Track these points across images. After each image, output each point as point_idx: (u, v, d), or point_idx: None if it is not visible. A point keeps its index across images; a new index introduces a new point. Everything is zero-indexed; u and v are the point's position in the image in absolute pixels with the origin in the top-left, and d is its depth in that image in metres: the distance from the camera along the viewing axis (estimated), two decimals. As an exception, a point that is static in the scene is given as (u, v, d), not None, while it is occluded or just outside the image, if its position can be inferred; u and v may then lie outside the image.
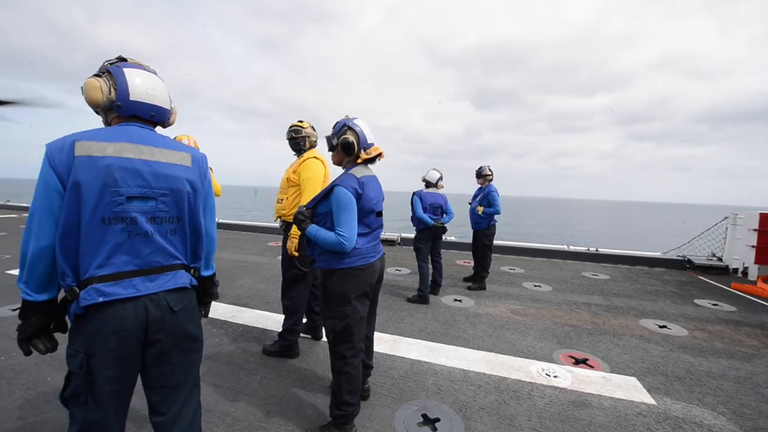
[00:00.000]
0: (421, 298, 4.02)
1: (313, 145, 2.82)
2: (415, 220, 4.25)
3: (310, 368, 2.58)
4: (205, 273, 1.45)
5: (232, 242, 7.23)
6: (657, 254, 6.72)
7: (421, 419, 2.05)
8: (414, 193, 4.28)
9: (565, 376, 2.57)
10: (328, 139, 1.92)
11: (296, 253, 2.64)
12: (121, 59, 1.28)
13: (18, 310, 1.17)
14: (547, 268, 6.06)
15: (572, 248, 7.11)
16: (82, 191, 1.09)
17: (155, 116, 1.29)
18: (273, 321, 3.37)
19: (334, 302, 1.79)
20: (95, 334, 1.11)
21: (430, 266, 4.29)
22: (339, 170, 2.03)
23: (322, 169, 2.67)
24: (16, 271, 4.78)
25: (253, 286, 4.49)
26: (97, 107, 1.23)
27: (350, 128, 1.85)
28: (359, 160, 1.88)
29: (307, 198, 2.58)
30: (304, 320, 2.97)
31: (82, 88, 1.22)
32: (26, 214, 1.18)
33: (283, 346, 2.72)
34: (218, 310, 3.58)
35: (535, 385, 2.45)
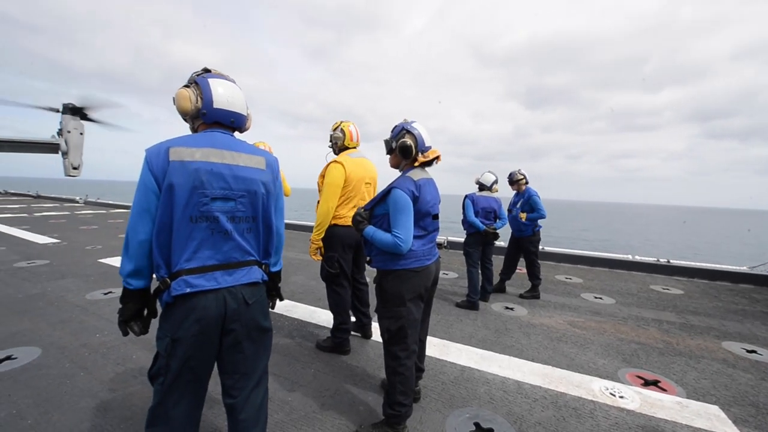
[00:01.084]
0: (470, 303, 3.93)
1: (342, 148, 2.83)
2: (466, 223, 4.16)
3: (361, 366, 2.63)
4: (274, 269, 1.56)
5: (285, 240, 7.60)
6: (743, 269, 5.92)
7: (474, 428, 2.00)
8: (466, 196, 4.18)
9: (633, 398, 2.37)
10: (387, 142, 1.95)
11: (316, 257, 2.74)
12: (206, 70, 1.41)
13: (119, 296, 1.34)
14: (609, 278, 5.61)
15: (638, 258, 6.51)
16: (174, 192, 1.22)
17: (234, 122, 1.41)
18: (324, 317, 3.50)
19: (389, 302, 1.82)
20: (182, 321, 1.24)
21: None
22: (393, 173, 2.06)
23: (340, 173, 2.65)
24: (106, 260, 5.47)
25: (305, 282, 4.69)
26: (186, 115, 1.37)
27: (408, 132, 1.87)
28: (416, 163, 1.89)
29: (323, 202, 2.64)
30: (353, 318, 3.04)
31: (173, 98, 1.37)
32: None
33: (335, 342, 2.81)
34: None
35: (598, 404, 2.29)
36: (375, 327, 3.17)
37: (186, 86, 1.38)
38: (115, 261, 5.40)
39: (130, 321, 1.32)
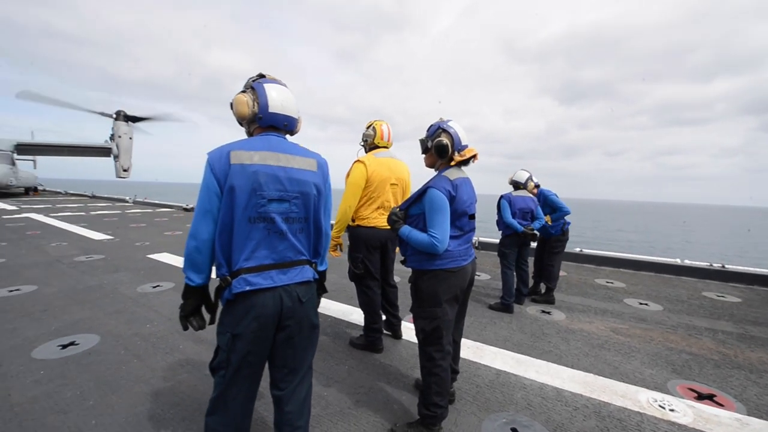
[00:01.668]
0: (504, 306, 3.83)
1: (372, 146, 2.84)
2: (502, 224, 4.05)
3: (394, 365, 2.64)
4: (321, 268, 1.60)
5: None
6: (814, 277, 5.35)
7: (511, 433, 1.95)
8: (502, 197, 4.06)
9: (685, 412, 2.21)
10: (422, 141, 1.95)
11: (335, 254, 2.74)
12: (261, 75, 1.46)
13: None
14: (655, 284, 5.27)
15: (688, 262, 6.05)
16: (235, 194, 1.27)
17: (288, 126, 1.46)
18: (357, 315, 3.54)
19: (425, 302, 1.82)
20: (241, 318, 1.30)
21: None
22: (427, 172, 2.05)
23: (361, 173, 2.66)
24: (154, 255, 5.84)
25: (338, 281, 4.76)
26: (243, 119, 1.43)
27: (444, 131, 1.86)
28: (453, 162, 1.87)
29: (343, 201, 2.66)
30: (384, 317, 3.06)
31: (231, 103, 1.43)
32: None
33: (368, 341, 2.84)
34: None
35: (646, 416, 2.16)
36: (405, 327, 3.17)
37: (243, 92, 1.43)
38: (162, 257, 5.76)
39: (190, 316, 1.40)
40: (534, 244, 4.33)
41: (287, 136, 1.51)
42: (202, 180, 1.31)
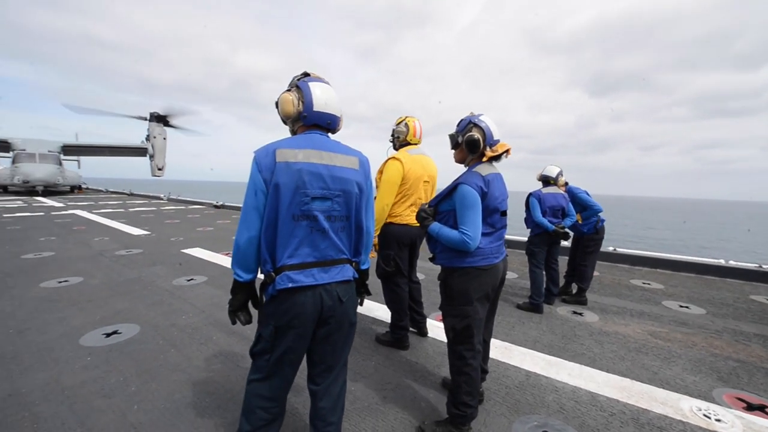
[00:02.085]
0: (534, 306, 3.73)
1: (403, 143, 2.80)
2: (531, 222, 3.92)
3: (421, 363, 2.63)
4: (364, 267, 1.61)
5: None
6: None
7: (543, 436, 1.90)
8: (531, 194, 3.92)
9: (733, 423, 2.07)
10: (452, 137, 1.91)
11: (370, 254, 2.73)
12: (306, 74, 1.46)
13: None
14: (697, 285, 4.96)
15: (733, 263, 5.66)
16: (280, 192, 1.29)
17: (330, 124, 1.46)
18: (382, 311, 3.55)
19: (455, 300, 1.79)
20: (283, 313, 1.33)
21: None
22: (457, 168, 2.01)
23: (398, 170, 2.62)
24: (187, 250, 6.09)
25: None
26: (288, 118, 1.44)
27: (476, 125, 1.81)
28: (484, 158, 1.83)
29: (379, 199, 2.62)
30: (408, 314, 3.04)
31: (276, 102, 1.45)
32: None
33: (394, 338, 2.84)
34: (334, 296, 3.94)
35: (689, 425, 2.04)
36: (430, 324, 3.15)
37: (288, 90, 1.44)
38: (195, 252, 6.00)
39: (238, 311, 1.44)
40: (566, 243, 4.18)
41: (329, 135, 1.51)
42: (249, 177, 1.33)
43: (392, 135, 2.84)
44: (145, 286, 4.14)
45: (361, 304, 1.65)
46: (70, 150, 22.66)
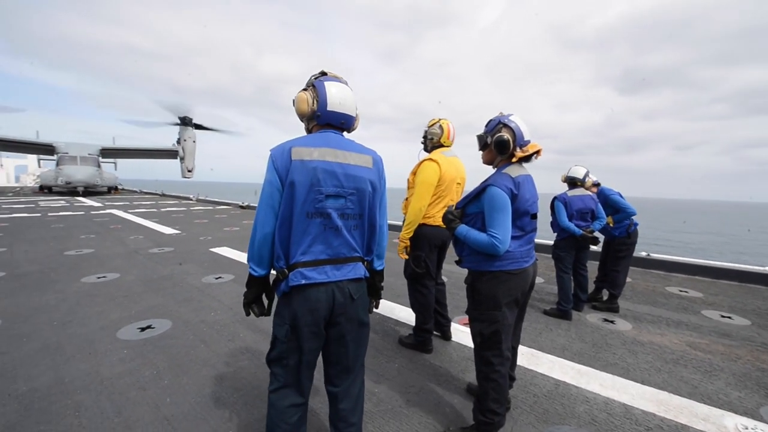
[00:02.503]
0: (561, 312, 3.60)
1: (436, 145, 2.76)
2: (557, 226, 3.80)
3: (444, 367, 2.59)
4: (378, 267, 1.61)
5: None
6: None
7: (573, 448, 1.83)
8: (556, 198, 3.78)
9: (786, 444, 1.92)
10: (480, 137, 1.87)
11: (402, 256, 2.72)
12: (323, 73, 1.48)
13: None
14: (740, 294, 4.65)
15: (783, 272, 5.27)
16: (295, 189, 1.31)
17: (344, 124, 1.48)
18: (405, 314, 3.53)
19: (482, 305, 1.75)
20: (297, 311, 1.35)
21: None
22: (484, 169, 1.97)
23: (435, 171, 2.59)
24: (216, 249, 6.29)
25: (384, 278, 4.79)
26: (303, 117, 1.47)
27: (505, 125, 1.77)
28: (514, 159, 1.78)
29: (416, 200, 2.59)
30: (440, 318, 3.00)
31: (293, 101, 1.48)
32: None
33: (418, 341, 2.81)
34: (357, 297, 3.95)
35: (735, 444, 1.91)
36: (454, 328, 3.11)
37: (305, 89, 1.46)
38: (222, 251, 6.19)
39: (251, 304, 1.48)
40: (595, 247, 4.02)
41: (344, 134, 1.52)
42: (265, 175, 1.36)
43: (424, 136, 2.80)
44: (176, 283, 4.30)
45: (377, 307, 1.65)
46: (107, 153, 24.02)
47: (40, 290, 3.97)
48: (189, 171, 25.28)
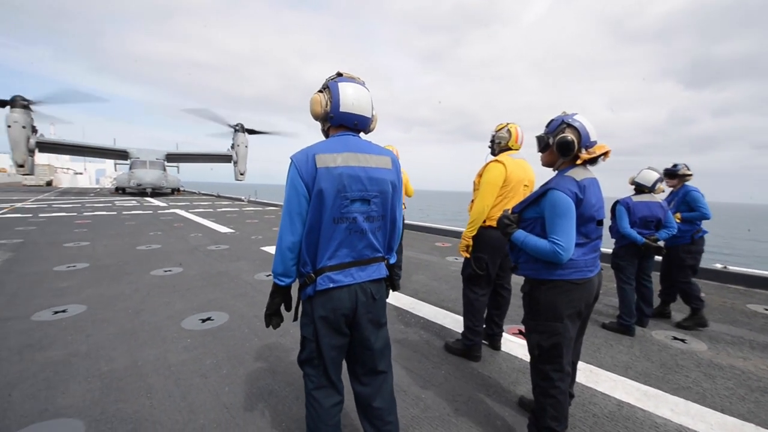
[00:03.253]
0: (623, 327, 3.32)
1: (503, 149, 2.71)
2: (617, 232, 3.51)
3: (494, 377, 2.50)
4: (392, 261, 1.60)
5: (403, 240, 7.91)
6: None
7: (642, 478, 1.67)
8: (619, 202, 3.49)
9: None
10: (541, 138, 1.78)
11: (466, 254, 2.67)
12: (339, 74, 1.46)
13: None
14: None
15: None
16: (324, 197, 1.31)
17: (358, 125, 1.44)
18: (450, 319, 3.46)
19: (541, 316, 1.66)
20: (322, 309, 1.37)
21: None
22: (545, 171, 1.87)
23: (500, 172, 2.55)
24: (266, 248, 6.62)
25: (427, 282, 4.75)
26: (317, 118, 1.47)
27: (569, 125, 1.67)
28: (578, 161, 1.67)
29: (479, 200, 2.55)
30: (484, 326, 2.91)
31: (310, 102, 1.47)
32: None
33: (466, 345, 2.74)
34: (401, 300, 3.95)
35: None
36: (504, 338, 2.98)
37: (320, 91, 1.45)
38: (272, 249, 6.50)
39: (273, 315, 1.51)
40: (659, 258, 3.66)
41: (360, 135, 1.50)
42: (288, 182, 1.35)
43: (492, 140, 2.78)
44: (231, 279, 4.59)
45: (387, 297, 1.62)
46: (171, 157, 26.39)
47: (117, 281, 4.42)
48: (241, 174, 26.96)
